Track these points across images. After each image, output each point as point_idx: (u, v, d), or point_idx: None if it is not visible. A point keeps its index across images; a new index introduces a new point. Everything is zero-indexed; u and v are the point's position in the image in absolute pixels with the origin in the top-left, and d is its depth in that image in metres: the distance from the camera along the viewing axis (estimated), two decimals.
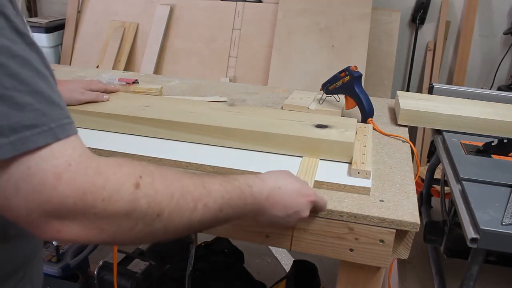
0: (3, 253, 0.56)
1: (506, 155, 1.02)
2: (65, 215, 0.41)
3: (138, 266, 1.23)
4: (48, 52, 2.82)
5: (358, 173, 0.81)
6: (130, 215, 0.44)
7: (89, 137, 0.96)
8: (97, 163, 0.43)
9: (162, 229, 0.48)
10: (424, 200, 1.49)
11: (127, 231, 0.45)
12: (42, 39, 2.78)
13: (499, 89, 2.41)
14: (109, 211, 0.43)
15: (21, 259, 0.59)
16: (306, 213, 0.68)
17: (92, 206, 0.42)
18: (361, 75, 1.08)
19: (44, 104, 0.41)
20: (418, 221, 0.71)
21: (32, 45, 0.42)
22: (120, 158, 0.48)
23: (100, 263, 1.19)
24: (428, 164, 1.54)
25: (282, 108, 1.17)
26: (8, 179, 0.39)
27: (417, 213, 0.73)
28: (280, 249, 2.15)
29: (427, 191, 1.49)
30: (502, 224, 0.75)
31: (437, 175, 1.50)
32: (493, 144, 1.01)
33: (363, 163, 0.84)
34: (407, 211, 0.74)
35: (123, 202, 0.44)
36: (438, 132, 1.17)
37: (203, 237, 1.61)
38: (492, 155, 1.02)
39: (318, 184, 0.80)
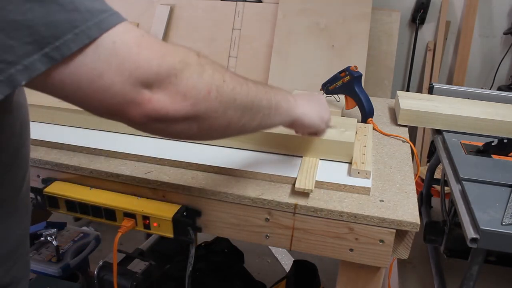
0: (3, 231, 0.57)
1: (506, 155, 1.02)
2: (153, 81, 0.45)
3: (138, 266, 1.23)
4: None
5: (358, 173, 0.81)
6: (202, 77, 0.49)
7: (89, 137, 0.96)
8: (149, 37, 0.48)
9: (232, 97, 0.53)
10: (424, 200, 1.49)
11: (205, 96, 0.49)
12: None
13: (499, 89, 2.41)
14: (184, 73, 0.47)
15: (17, 237, 0.60)
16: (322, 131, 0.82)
17: (172, 68, 0.46)
18: (361, 75, 1.08)
19: None
20: (418, 221, 0.71)
21: None
22: None
23: (100, 263, 1.19)
24: (428, 164, 1.54)
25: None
26: (98, 57, 0.43)
27: (417, 213, 0.73)
28: (280, 249, 2.15)
29: (427, 191, 1.49)
30: (502, 224, 0.75)
31: (437, 175, 1.49)
32: (493, 144, 1.01)
33: (363, 163, 0.84)
34: (407, 211, 0.74)
35: (194, 65, 0.49)
36: (438, 132, 1.17)
37: (203, 237, 1.61)
38: (492, 155, 1.02)
39: (318, 184, 0.80)
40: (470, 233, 0.76)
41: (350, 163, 0.87)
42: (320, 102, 0.80)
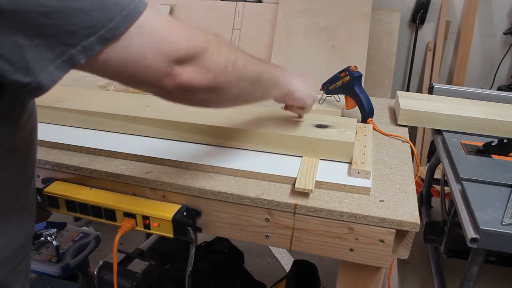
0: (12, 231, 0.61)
1: (506, 155, 1.02)
2: (183, 58, 0.53)
3: (138, 266, 1.23)
4: None
5: (358, 173, 0.81)
6: (221, 54, 0.57)
7: (89, 137, 0.96)
8: (171, 18, 0.55)
9: (243, 71, 0.63)
10: (424, 200, 1.49)
11: (224, 69, 0.58)
12: None
13: (499, 89, 2.41)
14: (208, 51, 0.55)
15: (25, 237, 0.64)
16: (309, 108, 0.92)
17: (198, 47, 0.54)
18: (361, 75, 1.08)
19: None
20: (418, 221, 0.71)
21: None
22: None
23: (100, 263, 1.19)
24: (428, 164, 1.54)
25: (282, 108, 1.17)
26: (141, 39, 0.49)
27: (417, 213, 0.73)
28: (280, 249, 2.15)
29: (427, 191, 1.49)
30: (502, 224, 0.75)
31: (437, 175, 1.49)
32: (493, 144, 1.01)
33: (363, 163, 0.84)
34: (407, 211, 0.74)
35: (214, 44, 0.57)
36: (438, 132, 1.17)
37: (203, 237, 1.61)
38: (492, 155, 1.02)
39: (318, 184, 0.80)
40: (470, 233, 0.76)
41: (350, 163, 0.87)
42: (309, 81, 0.89)
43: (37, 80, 0.45)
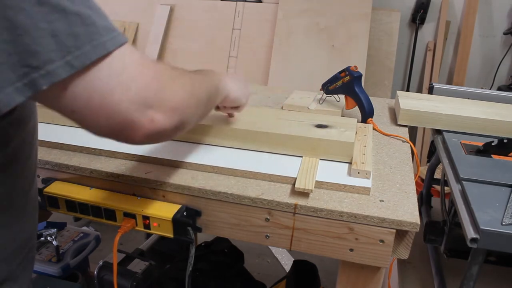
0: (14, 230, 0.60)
1: (506, 155, 1.02)
2: (153, 100, 0.50)
3: (138, 266, 1.23)
4: None
5: (358, 173, 0.81)
6: (183, 88, 0.55)
7: (89, 137, 0.96)
8: (146, 57, 0.53)
9: (200, 96, 0.62)
10: (424, 200, 1.49)
11: (188, 103, 0.56)
12: None
13: (499, 89, 2.41)
14: (173, 88, 0.53)
15: (27, 235, 0.64)
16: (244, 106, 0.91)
17: (165, 86, 0.52)
18: (361, 75, 1.08)
19: (107, 17, 0.49)
20: (418, 221, 0.71)
21: None
22: None
23: (100, 263, 1.19)
24: (428, 164, 1.54)
25: (282, 108, 1.17)
26: (111, 73, 0.47)
27: (417, 213, 0.73)
28: (280, 249, 2.15)
29: (427, 191, 1.49)
30: (502, 224, 0.75)
31: (437, 175, 1.49)
32: (493, 144, 1.01)
33: (363, 163, 0.84)
34: (407, 211, 0.74)
35: (176, 79, 0.55)
36: (438, 132, 1.17)
37: (203, 237, 1.61)
38: (492, 155, 1.02)
39: (318, 184, 0.80)
40: (470, 233, 0.76)
41: (350, 163, 0.87)
42: (240, 80, 0.88)
43: None
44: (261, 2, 2.61)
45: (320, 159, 0.88)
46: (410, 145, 1.02)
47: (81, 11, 0.45)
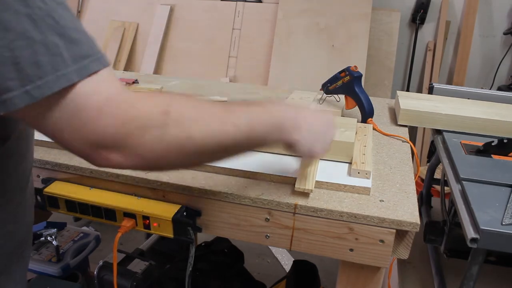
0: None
1: (506, 155, 1.02)
2: (109, 144, 0.47)
3: (138, 266, 1.23)
4: None
5: (358, 173, 0.81)
6: (162, 139, 0.49)
7: None
8: (130, 96, 0.48)
9: (197, 152, 0.52)
10: (424, 200, 1.49)
11: (163, 155, 0.50)
12: None
13: (499, 89, 2.41)
14: (145, 139, 0.48)
15: (23, 234, 0.64)
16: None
17: (130, 134, 0.47)
18: (361, 75, 1.08)
19: (86, 40, 0.46)
20: (418, 221, 0.71)
21: None
22: (149, 92, 0.51)
23: (100, 263, 1.19)
24: (428, 164, 1.54)
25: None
26: (62, 114, 0.45)
27: (417, 213, 0.73)
28: (280, 249, 2.15)
29: (427, 191, 1.49)
30: (502, 224, 0.75)
31: (437, 175, 1.49)
32: (493, 144, 1.01)
33: (363, 163, 0.84)
34: (407, 211, 0.74)
35: (156, 129, 0.48)
36: (438, 132, 1.17)
37: (203, 237, 1.61)
38: (492, 155, 1.02)
39: (318, 184, 0.80)
40: (470, 233, 0.76)
41: (350, 163, 0.87)
42: (327, 124, 0.71)
43: None
44: (261, 2, 2.61)
45: (320, 159, 0.88)
46: (410, 145, 1.02)
47: (47, 40, 0.43)
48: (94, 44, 0.47)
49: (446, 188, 1.23)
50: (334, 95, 1.17)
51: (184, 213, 0.81)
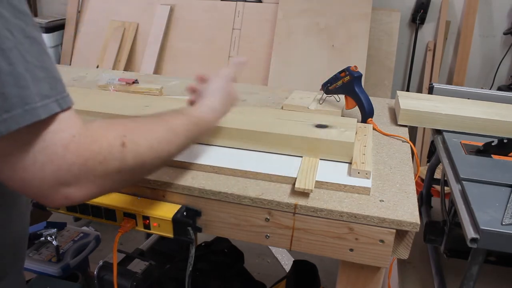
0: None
1: (506, 155, 1.02)
2: (72, 181, 0.47)
3: (138, 266, 1.23)
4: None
5: (358, 173, 0.81)
6: (122, 170, 0.52)
7: None
8: (91, 132, 0.49)
9: (146, 173, 0.60)
10: (424, 200, 1.49)
11: (120, 182, 0.53)
12: None
13: (499, 89, 2.41)
14: (106, 171, 0.50)
15: (19, 233, 0.64)
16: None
17: (93, 169, 0.48)
18: (361, 75, 1.08)
19: (52, 79, 0.45)
20: (418, 221, 0.71)
21: (35, 25, 0.46)
22: (103, 120, 0.54)
23: (100, 263, 1.19)
24: (428, 164, 1.54)
25: (282, 108, 1.17)
26: (27, 151, 0.44)
27: (417, 213, 0.73)
28: (280, 249, 2.15)
29: (427, 191, 1.49)
30: (502, 224, 0.75)
31: (437, 175, 1.49)
32: (493, 144, 1.01)
33: (363, 163, 0.84)
34: (407, 211, 0.74)
35: (115, 161, 0.50)
36: (438, 132, 1.17)
37: (203, 237, 1.61)
38: (492, 155, 1.02)
39: (318, 184, 0.80)
40: (470, 233, 0.76)
41: (350, 163, 0.87)
42: (220, 91, 0.81)
43: None
44: (261, 2, 2.61)
45: (320, 159, 0.88)
46: (410, 145, 1.02)
47: (15, 71, 0.41)
48: (59, 84, 0.46)
49: (446, 188, 1.23)
50: (334, 95, 1.17)
51: (184, 213, 0.81)
